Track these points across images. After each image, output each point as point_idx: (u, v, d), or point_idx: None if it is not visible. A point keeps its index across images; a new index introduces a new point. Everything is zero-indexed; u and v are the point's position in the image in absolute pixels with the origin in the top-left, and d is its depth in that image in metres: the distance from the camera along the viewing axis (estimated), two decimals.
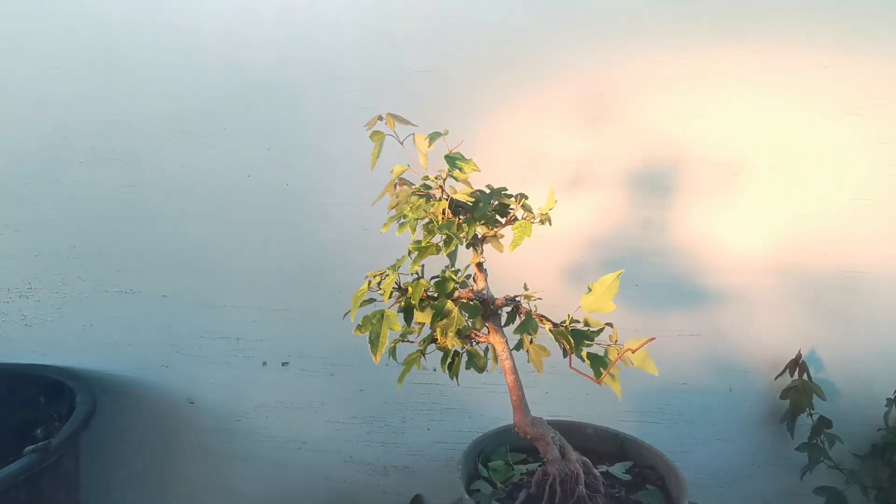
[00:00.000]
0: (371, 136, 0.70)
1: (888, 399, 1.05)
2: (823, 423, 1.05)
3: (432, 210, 0.67)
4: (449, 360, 0.73)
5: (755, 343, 1.08)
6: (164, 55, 0.98)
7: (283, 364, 1.12)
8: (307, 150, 1.02)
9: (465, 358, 0.75)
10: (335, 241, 1.06)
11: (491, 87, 0.98)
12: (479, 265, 0.75)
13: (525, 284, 0.77)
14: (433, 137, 0.70)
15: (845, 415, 1.08)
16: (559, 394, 0.93)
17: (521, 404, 0.75)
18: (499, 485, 0.81)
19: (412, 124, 0.69)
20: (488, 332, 0.74)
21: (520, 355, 0.75)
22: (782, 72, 0.96)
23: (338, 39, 0.97)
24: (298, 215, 1.05)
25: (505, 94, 0.99)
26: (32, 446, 0.84)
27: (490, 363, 0.76)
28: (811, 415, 1.05)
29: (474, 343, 0.75)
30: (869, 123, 0.97)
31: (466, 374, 1.13)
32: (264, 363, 1.12)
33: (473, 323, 0.72)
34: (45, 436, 0.96)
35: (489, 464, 0.85)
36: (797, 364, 1.05)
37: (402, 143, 0.71)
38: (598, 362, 0.66)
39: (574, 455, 0.76)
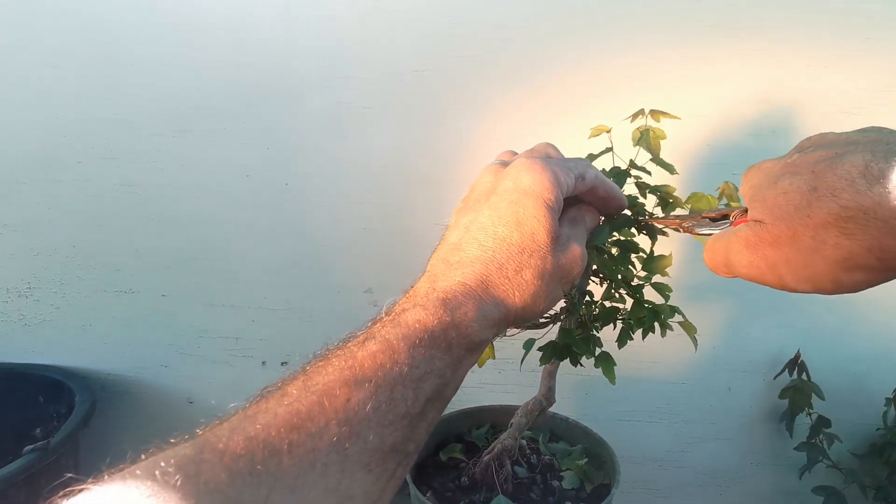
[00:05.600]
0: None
1: (887, 399, 1.06)
2: (822, 423, 1.05)
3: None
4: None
5: (754, 342, 1.08)
6: (163, 54, 0.98)
7: (282, 364, 1.12)
8: (307, 149, 1.02)
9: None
10: (335, 240, 1.06)
11: (490, 87, 0.98)
12: None
13: None
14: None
15: (844, 414, 1.08)
16: (557, 393, 0.92)
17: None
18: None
19: (676, 117, 0.64)
20: None
21: (510, 358, 0.75)
22: (781, 71, 0.96)
23: (338, 39, 0.97)
24: (298, 215, 1.05)
25: (504, 92, 0.99)
26: (31, 446, 0.84)
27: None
28: (810, 414, 1.05)
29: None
30: (868, 123, 0.97)
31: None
32: (263, 363, 1.12)
33: None
34: (44, 435, 0.95)
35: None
36: (796, 363, 1.05)
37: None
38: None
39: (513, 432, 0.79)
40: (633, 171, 0.65)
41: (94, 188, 1.04)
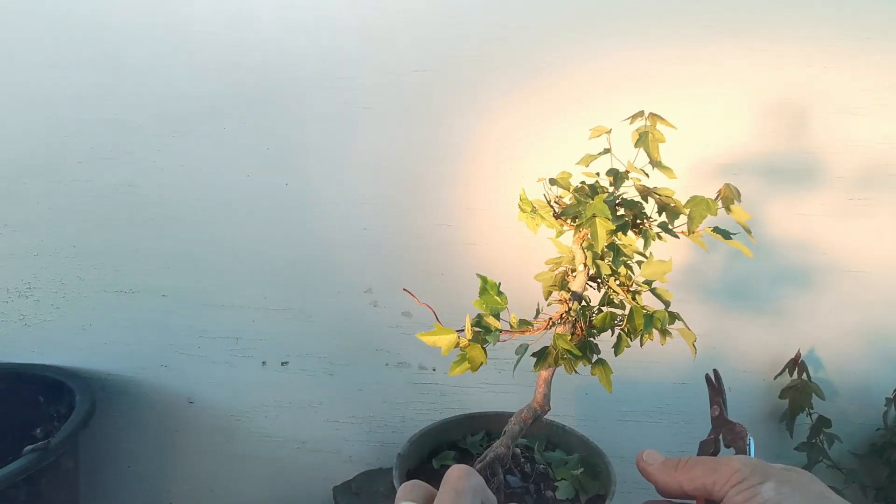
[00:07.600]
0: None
1: (887, 399, 1.06)
2: (822, 423, 1.05)
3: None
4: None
5: (754, 342, 1.08)
6: (163, 54, 0.98)
7: (282, 364, 1.12)
8: (307, 150, 1.02)
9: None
10: (335, 241, 1.06)
11: (490, 87, 0.98)
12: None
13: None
14: None
15: (844, 414, 1.09)
16: (556, 394, 0.93)
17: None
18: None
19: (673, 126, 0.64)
20: None
21: (510, 358, 0.75)
22: (781, 71, 0.96)
23: (338, 39, 0.97)
24: (298, 215, 1.05)
25: (504, 92, 0.99)
26: (31, 446, 0.84)
27: None
28: (810, 414, 1.05)
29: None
30: (868, 123, 0.97)
31: (465, 375, 1.13)
32: (264, 363, 1.12)
33: None
34: (45, 435, 0.95)
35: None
36: (796, 363, 1.05)
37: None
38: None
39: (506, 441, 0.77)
40: (632, 174, 0.65)
41: (94, 188, 1.04)
